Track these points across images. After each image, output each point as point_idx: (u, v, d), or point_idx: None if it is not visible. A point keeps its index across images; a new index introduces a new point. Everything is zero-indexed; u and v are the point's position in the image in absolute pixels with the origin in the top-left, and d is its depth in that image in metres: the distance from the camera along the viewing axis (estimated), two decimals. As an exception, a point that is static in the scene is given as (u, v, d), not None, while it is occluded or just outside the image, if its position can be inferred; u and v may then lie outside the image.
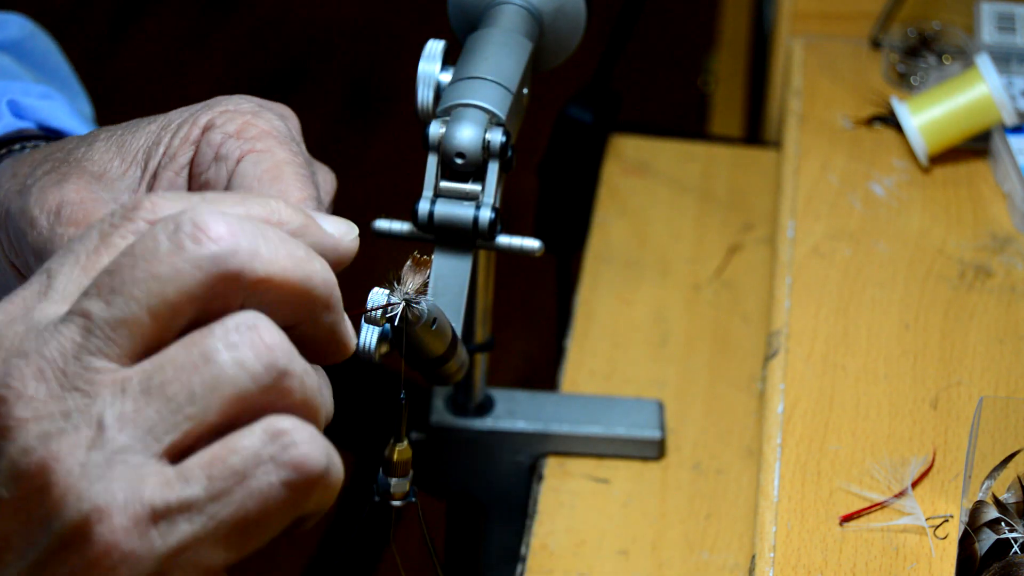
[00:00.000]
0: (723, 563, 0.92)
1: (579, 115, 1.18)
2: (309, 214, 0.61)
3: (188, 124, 0.74)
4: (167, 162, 0.73)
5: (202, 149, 0.73)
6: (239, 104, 0.74)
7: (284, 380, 0.56)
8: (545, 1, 0.89)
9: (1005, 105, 1.06)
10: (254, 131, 0.72)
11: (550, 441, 0.98)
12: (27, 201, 0.71)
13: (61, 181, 0.71)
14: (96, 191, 0.72)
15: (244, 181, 0.71)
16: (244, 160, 0.71)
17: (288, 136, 0.73)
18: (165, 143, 0.74)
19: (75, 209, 0.70)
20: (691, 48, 2.21)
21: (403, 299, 0.69)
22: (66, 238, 0.69)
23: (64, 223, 0.70)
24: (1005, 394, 0.93)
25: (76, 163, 0.73)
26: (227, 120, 0.73)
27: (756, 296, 1.08)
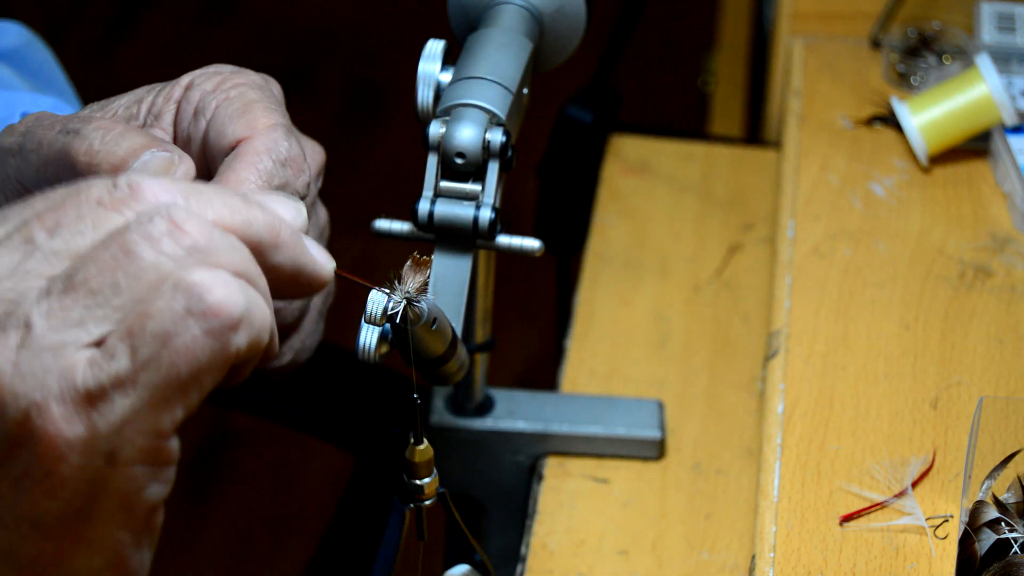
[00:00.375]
0: (723, 563, 0.92)
1: (579, 115, 1.18)
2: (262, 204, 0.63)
3: (171, 85, 0.76)
4: (152, 120, 0.75)
5: (182, 107, 0.75)
6: (220, 68, 0.76)
7: (209, 258, 0.57)
8: (545, 1, 0.89)
9: (1005, 105, 1.06)
10: (229, 84, 0.74)
11: (550, 441, 0.98)
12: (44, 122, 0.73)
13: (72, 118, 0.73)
14: None
15: (216, 121, 0.72)
16: (219, 107, 0.73)
17: (264, 87, 0.75)
18: (148, 101, 0.76)
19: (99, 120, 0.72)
20: (691, 48, 2.21)
21: (403, 299, 0.69)
22: (92, 124, 0.71)
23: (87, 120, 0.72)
24: (1005, 394, 0.93)
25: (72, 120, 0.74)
26: (206, 79, 0.75)
27: (756, 296, 1.08)
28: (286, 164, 0.72)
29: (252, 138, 0.71)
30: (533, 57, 0.87)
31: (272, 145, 0.71)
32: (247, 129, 0.72)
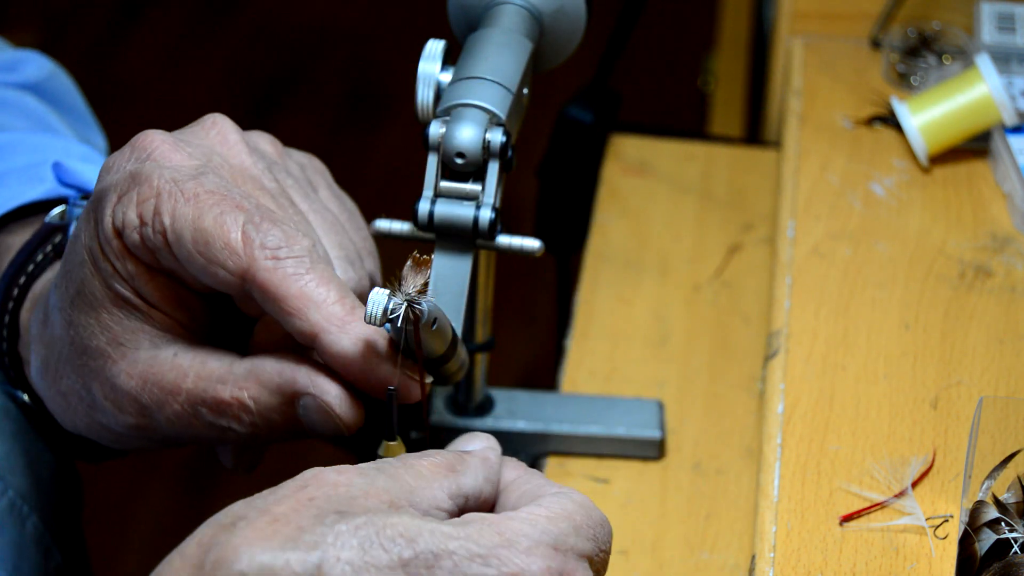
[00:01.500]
0: (723, 563, 0.92)
1: (579, 115, 1.18)
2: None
3: (100, 245, 0.75)
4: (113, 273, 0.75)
5: (140, 252, 0.74)
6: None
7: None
8: (545, 1, 0.89)
9: (1005, 105, 1.06)
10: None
11: (550, 441, 0.98)
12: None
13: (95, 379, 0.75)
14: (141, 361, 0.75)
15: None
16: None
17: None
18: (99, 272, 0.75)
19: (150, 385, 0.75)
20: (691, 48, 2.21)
21: (404, 299, 0.69)
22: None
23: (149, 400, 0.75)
24: (1005, 394, 0.93)
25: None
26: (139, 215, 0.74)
27: (756, 296, 1.08)
28: (353, 262, 0.77)
29: (324, 332, 0.72)
30: (533, 57, 0.87)
31: (342, 324, 0.72)
32: (310, 327, 0.72)
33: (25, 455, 0.85)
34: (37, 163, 0.87)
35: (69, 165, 0.86)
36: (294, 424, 0.74)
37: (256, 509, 0.63)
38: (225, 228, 0.71)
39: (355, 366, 0.71)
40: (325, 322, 0.71)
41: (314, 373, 0.73)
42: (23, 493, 0.85)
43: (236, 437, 0.75)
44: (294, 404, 0.73)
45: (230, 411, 0.73)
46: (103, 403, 0.75)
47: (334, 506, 0.63)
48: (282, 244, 0.72)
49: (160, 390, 0.74)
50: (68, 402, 0.78)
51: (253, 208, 0.72)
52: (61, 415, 0.79)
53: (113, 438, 0.78)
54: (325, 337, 0.71)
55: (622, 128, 1.21)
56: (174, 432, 0.75)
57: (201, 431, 0.75)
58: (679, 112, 2.30)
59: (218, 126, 0.79)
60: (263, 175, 0.77)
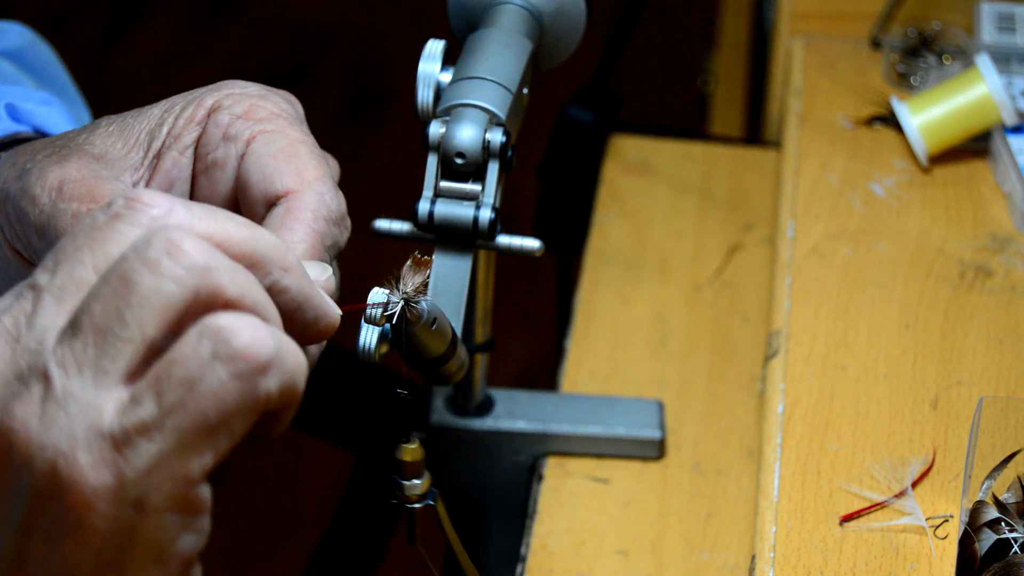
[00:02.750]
0: (723, 563, 0.92)
1: (579, 115, 1.18)
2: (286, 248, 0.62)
3: (193, 105, 0.74)
4: (171, 142, 0.74)
5: (209, 130, 0.73)
6: (245, 88, 0.74)
7: (210, 276, 0.56)
8: (545, 1, 0.89)
9: (1005, 105, 1.06)
10: (263, 112, 0.73)
11: (550, 441, 0.98)
12: (27, 181, 0.71)
13: (62, 161, 0.71)
14: (97, 169, 0.72)
15: (258, 160, 0.71)
16: (256, 140, 0.72)
17: (298, 119, 0.74)
18: (169, 124, 0.74)
19: (76, 185, 0.70)
20: (691, 48, 2.21)
21: (403, 299, 0.69)
22: (69, 213, 0.70)
23: (66, 199, 0.70)
24: (1005, 394, 0.93)
25: (77, 146, 0.73)
26: (234, 102, 0.73)
27: (756, 296, 1.08)
28: (337, 222, 0.72)
29: (302, 193, 0.70)
30: (533, 57, 0.87)
31: (323, 202, 0.70)
32: (296, 181, 0.70)
33: None
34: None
35: (24, 107, 0.85)
36: None
37: None
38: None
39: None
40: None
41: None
42: None
43: None
44: None
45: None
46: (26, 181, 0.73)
47: None
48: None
49: (87, 191, 0.72)
50: None
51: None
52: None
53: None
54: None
55: (622, 128, 1.21)
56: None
57: None
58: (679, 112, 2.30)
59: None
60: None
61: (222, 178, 0.73)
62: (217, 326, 0.55)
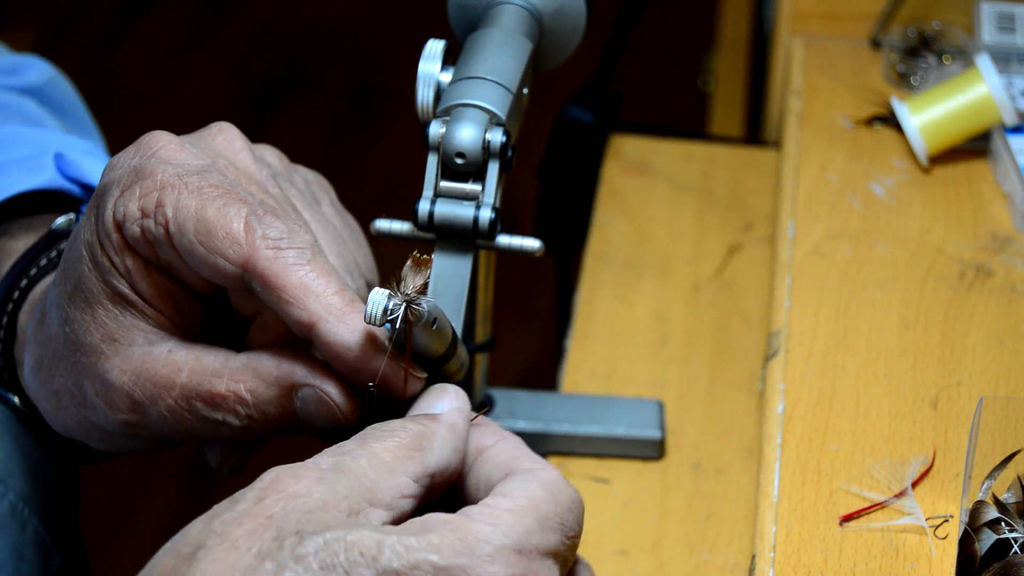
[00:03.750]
0: (723, 563, 0.92)
1: (579, 115, 1.18)
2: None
3: (101, 246, 0.75)
4: (119, 276, 0.75)
5: (139, 246, 0.74)
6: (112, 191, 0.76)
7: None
8: (545, 1, 0.89)
9: (1005, 105, 1.06)
10: (156, 198, 0.74)
11: (550, 441, 0.98)
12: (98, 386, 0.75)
13: (108, 388, 0.75)
14: (141, 356, 0.74)
15: (193, 230, 0.72)
16: (171, 222, 0.74)
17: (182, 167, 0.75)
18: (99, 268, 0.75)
19: (144, 388, 0.74)
20: (691, 48, 2.21)
21: (403, 299, 0.69)
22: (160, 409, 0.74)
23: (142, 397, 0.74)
24: (1005, 394, 0.93)
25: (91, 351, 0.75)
26: (128, 201, 0.74)
27: (756, 296, 1.08)
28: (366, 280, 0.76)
29: (322, 321, 0.71)
30: (533, 57, 0.87)
31: (340, 315, 0.72)
32: (308, 315, 0.72)
33: (26, 458, 0.85)
34: (38, 154, 0.87)
35: (71, 157, 0.86)
36: (291, 417, 0.74)
37: (215, 535, 0.63)
38: (227, 218, 0.71)
39: (352, 357, 0.71)
40: (324, 311, 0.71)
41: (312, 364, 0.73)
42: (24, 496, 0.84)
43: (230, 432, 0.75)
44: (291, 396, 0.73)
45: (225, 404, 0.73)
46: (94, 400, 0.75)
47: (293, 525, 0.63)
48: (283, 235, 0.72)
49: (154, 385, 0.74)
50: (59, 401, 0.78)
51: (256, 202, 0.73)
52: (52, 415, 0.79)
53: (103, 437, 0.78)
54: (323, 326, 0.71)
55: (622, 128, 1.21)
56: (166, 429, 0.75)
57: (194, 427, 0.75)
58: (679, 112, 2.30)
59: (224, 133, 0.79)
60: (267, 181, 0.78)
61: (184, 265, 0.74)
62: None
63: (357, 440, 0.68)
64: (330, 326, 0.71)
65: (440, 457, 0.69)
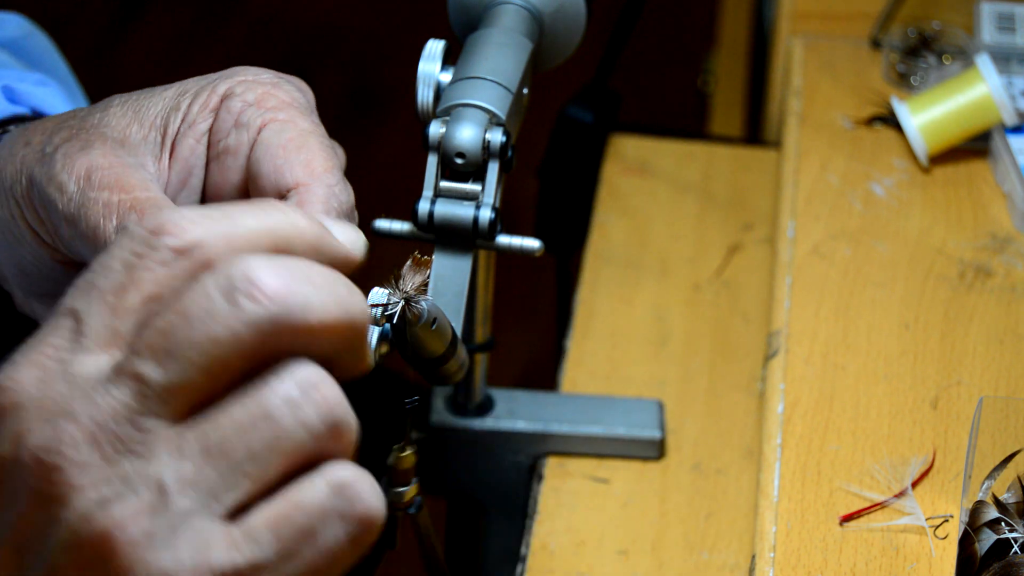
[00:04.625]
0: (723, 563, 0.92)
1: (579, 115, 1.18)
2: (323, 224, 0.59)
3: (207, 91, 0.74)
4: (186, 128, 0.74)
5: (221, 116, 0.73)
6: (258, 75, 0.75)
7: (342, 432, 0.54)
8: (545, 1, 0.89)
9: (1005, 105, 1.06)
10: (274, 101, 0.73)
11: (550, 441, 0.98)
12: (53, 168, 0.70)
13: (86, 147, 0.71)
14: (122, 155, 0.71)
15: (268, 150, 0.71)
16: (267, 128, 0.72)
17: (308, 108, 0.74)
18: (184, 109, 0.74)
19: (105, 173, 0.70)
20: (691, 48, 2.21)
21: (403, 299, 0.69)
22: (100, 203, 0.68)
23: (96, 187, 0.69)
24: (1005, 394, 0.93)
25: (94, 129, 0.73)
26: (247, 89, 0.74)
27: (756, 296, 1.08)
28: (347, 215, 0.71)
29: (311, 185, 0.70)
30: (533, 57, 0.87)
31: (332, 194, 0.70)
32: (306, 173, 0.70)
33: None
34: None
35: (21, 88, 0.85)
36: None
37: None
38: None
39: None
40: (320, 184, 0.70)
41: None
42: None
43: None
44: None
45: None
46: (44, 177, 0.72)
47: None
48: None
49: (115, 180, 0.70)
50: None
51: None
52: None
53: (22, 256, 0.74)
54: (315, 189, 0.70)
55: (622, 128, 1.21)
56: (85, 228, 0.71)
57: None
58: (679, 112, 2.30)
59: None
60: None
61: (234, 166, 0.73)
62: (344, 482, 0.54)
63: None
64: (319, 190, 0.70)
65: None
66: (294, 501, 0.53)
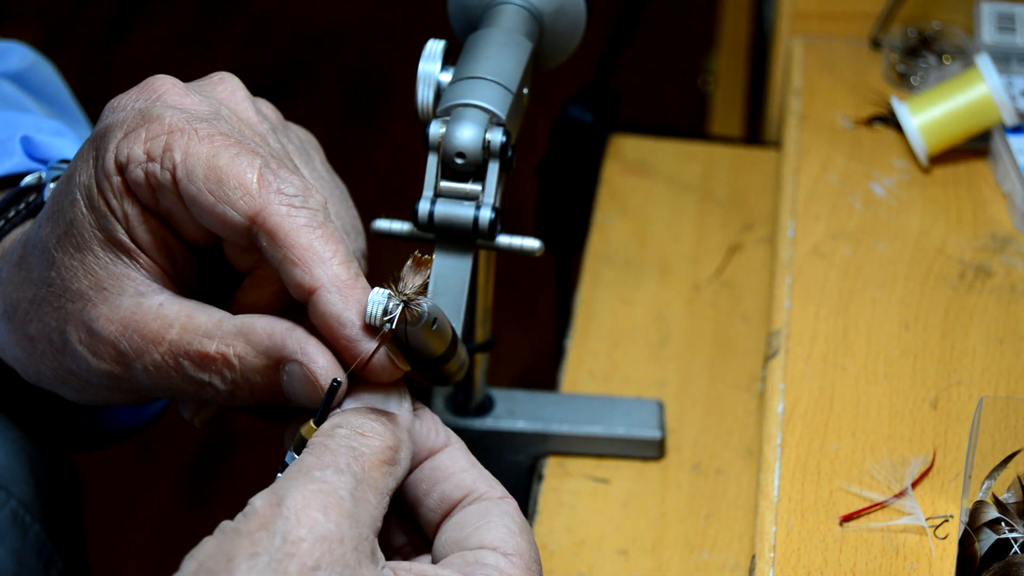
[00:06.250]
0: (723, 563, 0.92)
1: (579, 115, 1.18)
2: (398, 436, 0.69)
3: (103, 183, 0.73)
4: (119, 225, 0.73)
5: (141, 190, 0.72)
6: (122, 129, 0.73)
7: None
8: (545, 1, 0.89)
9: (1005, 105, 1.06)
10: (165, 143, 0.72)
11: (550, 441, 0.98)
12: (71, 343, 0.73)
13: (90, 323, 0.73)
14: (129, 310, 0.73)
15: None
16: (180, 169, 0.71)
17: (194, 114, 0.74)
18: (95, 214, 0.73)
19: (129, 340, 0.72)
20: (691, 48, 2.21)
21: (403, 299, 0.69)
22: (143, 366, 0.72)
23: (131, 349, 0.72)
24: (1005, 394, 0.93)
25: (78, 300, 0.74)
26: (133, 144, 0.72)
27: (756, 296, 1.08)
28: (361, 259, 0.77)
29: (323, 289, 0.70)
30: (533, 57, 0.87)
31: (343, 287, 0.70)
32: (312, 280, 0.70)
33: (28, 464, 0.85)
34: (5, 139, 0.86)
35: (39, 139, 0.85)
36: (275, 389, 0.72)
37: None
38: (241, 169, 0.70)
39: (345, 333, 0.69)
40: (328, 280, 0.69)
41: (304, 340, 0.71)
42: (25, 502, 0.84)
43: (215, 394, 0.73)
44: (279, 369, 0.72)
45: (213, 366, 0.72)
46: (76, 348, 0.73)
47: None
48: (299, 193, 0.70)
49: (141, 338, 0.72)
50: (34, 347, 0.75)
51: (268, 155, 0.71)
52: (23, 361, 0.77)
53: (79, 387, 0.76)
54: (324, 295, 0.69)
55: (622, 128, 1.21)
56: (149, 383, 0.73)
57: (179, 384, 0.73)
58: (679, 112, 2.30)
59: (226, 82, 0.78)
60: (268, 134, 0.76)
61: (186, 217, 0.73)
62: None
63: (346, 451, 0.68)
64: (331, 296, 0.69)
65: (406, 469, 0.69)
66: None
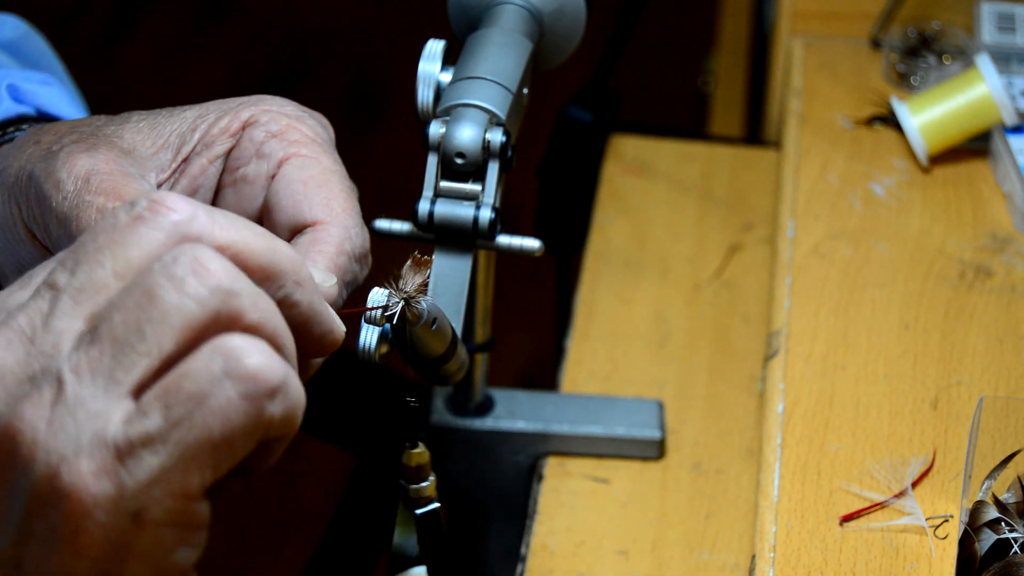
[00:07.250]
0: (723, 563, 0.92)
1: (579, 115, 1.18)
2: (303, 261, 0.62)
3: (228, 116, 0.74)
4: (201, 149, 0.74)
5: (243, 143, 0.73)
6: (283, 106, 0.75)
7: (232, 300, 0.56)
8: (545, 1, 0.89)
9: (1005, 105, 1.06)
10: (297, 135, 0.73)
11: (550, 441, 0.98)
12: (54, 165, 0.71)
13: (91, 150, 0.71)
14: (125, 165, 0.72)
15: (288, 184, 0.71)
16: (289, 163, 0.72)
17: (330, 144, 0.74)
18: (201, 130, 0.74)
19: (104, 179, 0.70)
20: (691, 48, 2.21)
21: (403, 299, 0.69)
22: (93, 207, 0.69)
23: (92, 191, 0.70)
24: (1005, 394, 0.93)
25: (106, 137, 0.73)
26: (270, 119, 0.74)
27: (756, 296, 1.08)
28: (360, 259, 0.72)
29: (328, 225, 0.71)
30: (533, 57, 0.87)
31: (348, 236, 0.71)
32: (325, 212, 0.71)
33: None
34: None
35: (26, 88, 0.85)
36: None
37: None
38: None
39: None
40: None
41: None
42: None
43: None
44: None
45: None
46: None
47: None
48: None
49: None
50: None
51: None
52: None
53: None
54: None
55: (622, 128, 1.21)
56: None
57: None
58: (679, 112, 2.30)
59: None
60: None
61: (250, 195, 0.74)
62: (230, 346, 0.55)
63: None
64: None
65: None
66: (181, 370, 0.55)
